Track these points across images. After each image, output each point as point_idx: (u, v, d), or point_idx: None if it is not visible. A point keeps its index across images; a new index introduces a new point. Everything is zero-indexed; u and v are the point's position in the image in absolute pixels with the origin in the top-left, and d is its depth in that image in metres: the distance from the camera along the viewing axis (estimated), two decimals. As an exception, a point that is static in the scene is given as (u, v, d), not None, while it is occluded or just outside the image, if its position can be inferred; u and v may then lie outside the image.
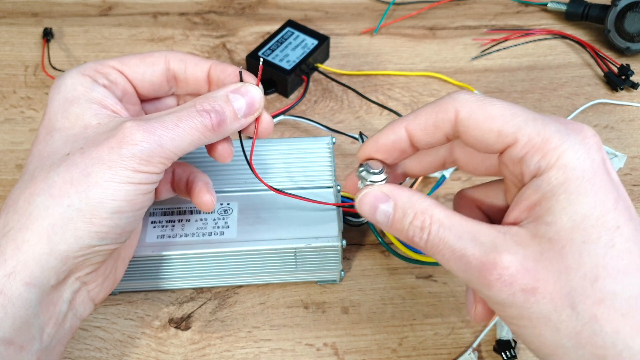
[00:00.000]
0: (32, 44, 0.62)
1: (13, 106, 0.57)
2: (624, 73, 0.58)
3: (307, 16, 0.65)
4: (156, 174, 0.32)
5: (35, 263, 0.30)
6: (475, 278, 0.28)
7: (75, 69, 0.35)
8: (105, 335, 0.43)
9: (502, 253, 0.27)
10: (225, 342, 0.42)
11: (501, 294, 0.27)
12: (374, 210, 0.31)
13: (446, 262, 0.29)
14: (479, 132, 0.29)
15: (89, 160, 0.31)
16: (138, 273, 0.42)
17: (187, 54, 0.37)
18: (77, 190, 0.30)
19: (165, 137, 0.32)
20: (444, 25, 0.65)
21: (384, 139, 0.32)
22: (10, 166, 0.52)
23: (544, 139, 0.27)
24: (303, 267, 0.43)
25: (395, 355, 0.42)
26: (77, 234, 0.30)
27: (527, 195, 0.28)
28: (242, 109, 0.34)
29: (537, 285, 0.26)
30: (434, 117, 0.30)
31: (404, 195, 0.30)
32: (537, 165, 0.27)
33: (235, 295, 0.45)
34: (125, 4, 0.67)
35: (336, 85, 0.58)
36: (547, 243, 0.27)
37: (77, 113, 0.33)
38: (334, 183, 0.44)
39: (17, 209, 0.31)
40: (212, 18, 0.66)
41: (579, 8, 0.63)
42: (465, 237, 0.28)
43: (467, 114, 0.29)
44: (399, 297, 0.44)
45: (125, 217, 0.32)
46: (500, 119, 0.28)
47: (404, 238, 0.30)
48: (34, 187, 0.31)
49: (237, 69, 0.36)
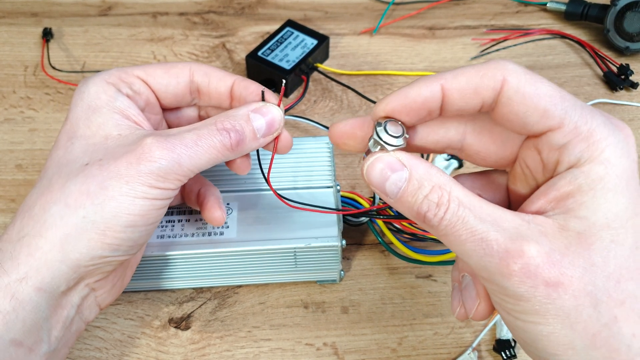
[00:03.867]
0: (31, 44, 0.62)
1: (13, 106, 0.57)
2: (624, 73, 0.58)
3: (307, 16, 0.66)
4: (172, 190, 0.33)
5: (47, 269, 0.30)
6: (494, 265, 0.26)
7: (99, 75, 0.35)
8: (105, 335, 0.43)
9: (529, 242, 0.25)
10: (225, 342, 0.42)
11: (522, 286, 0.25)
12: (384, 178, 0.28)
13: (460, 244, 0.26)
14: (522, 108, 0.26)
15: (106, 173, 0.31)
16: (138, 273, 0.42)
17: (211, 68, 0.37)
18: (92, 202, 0.31)
19: (184, 156, 0.32)
20: (444, 25, 0.65)
21: (414, 93, 0.28)
22: (10, 166, 0.52)
23: (590, 129, 0.26)
24: (303, 267, 0.43)
25: (395, 355, 0.42)
26: (89, 244, 0.31)
27: (559, 185, 0.27)
28: (262, 129, 0.34)
29: (562, 280, 0.25)
30: (476, 81, 0.27)
31: (422, 167, 0.27)
32: (579, 155, 0.26)
33: (235, 295, 0.45)
34: (124, 4, 0.67)
35: (336, 85, 0.58)
36: (575, 237, 0.26)
37: (99, 122, 0.33)
38: (334, 183, 0.44)
39: (32, 215, 0.31)
40: (211, 18, 0.66)
41: (579, 8, 0.63)
42: (487, 220, 0.26)
43: (515, 85, 0.26)
44: (398, 297, 0.45)
45: (138, 231, 0.32)
46: (548, 98, 0.26)
47: (411, 213, 0.28)
48: (51, 194, 0.31)
49: (260, 87, 0.36)
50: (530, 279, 0.25)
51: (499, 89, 0.27)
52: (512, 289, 0.26)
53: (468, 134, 0.31)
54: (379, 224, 0.45)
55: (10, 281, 0.30)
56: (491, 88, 0.27)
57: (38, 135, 0.55)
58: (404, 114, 0.29)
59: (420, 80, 0.28)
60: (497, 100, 0.27)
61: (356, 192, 0.46)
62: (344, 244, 0.41)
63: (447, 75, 0.28)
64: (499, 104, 0.27)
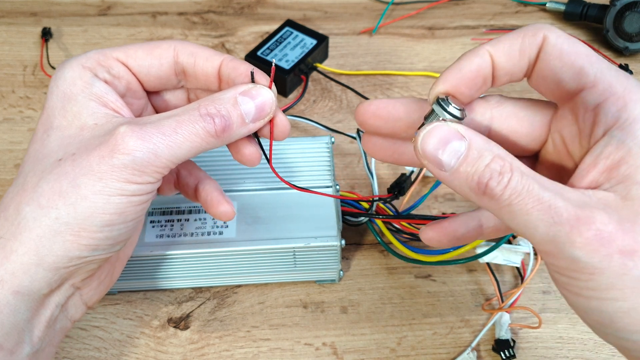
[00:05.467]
0: (30, 43, 0.62)
1: (12, 106, 0.57)
2: (623, 73, 0.58)
3: (306, 16, 0.65)
4: (151, 184, 0.30)
5: (23, 273, 0.29)
6: (564, 234, 0.24)
7: (75, 59, 0.33)
8: (104, 335, 0.42)
9: (598, 210, 0.24)
10: (224, 342, 0.42)
11: (596, 255, 0.24)
12: (443, 145, 0.26)
13: (526, 214, 0.25)
14: (559, 63, 0.26)
15: (78, 169, 0.29)
16: (137, 273, 0.42)
17: (197, 47, 0.34)
18: (65, 203, 0.29)
19: (161, 145, 0.29)
20: (443, 25, 0.65)
21: (468, 65, 0.28)
22: (8, 166, 0.52)
23: (626, 88, 0.25)
24: (302, 266, 0.43)
25: (394, 355, 0.42)
26: (65, 246, 0.29)
27: (607, 153, 0.25)
28: (250, 113, 0.32)
29: (636, 248, 0.24)
30: (520, 41, 0.27)
31: (482, 138, 0.26)
32: (616, 115, 0.25)
33: (234, 295, 0.45)
34: (124, 3, 0.67)
35: (335, 84, 0.58)
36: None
37: (74, 111, 0.31)
38: (333, 183, 0.44)
39: (7, 217, 0.30)
40: (211, 18, 0.66)
41: (578, 8, 0.63)
42: (551, 189, 0.25)
43: (553, 41, 0.26)
44: (397, 297, 0.45)
45: (117, 229, 0.30)
46: (585, 57, 0.26)
47: (470, 184, 0.26)
48: (24, 194, 0.30)
49: (249, 67, 0.33)
50: (604, 247, 0.24)
51: (540, 44, 0.27)
52: (585, 259, 0.24)
53: (495, 120, 0.30)
54: (378, 224, 0.45)
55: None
56: (534, 45, 0.27)
57: (37, 134, 0.55)
58: (463, 87, 0.28)
59: (468, 53, 0.28)
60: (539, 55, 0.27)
61: (355, 192, 0.46)
62: (343, 243, 0.41)
63: (491, 42, 0.28)
64: (538, 61, 0.27)
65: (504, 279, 0.45)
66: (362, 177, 0.51)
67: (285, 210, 0.42)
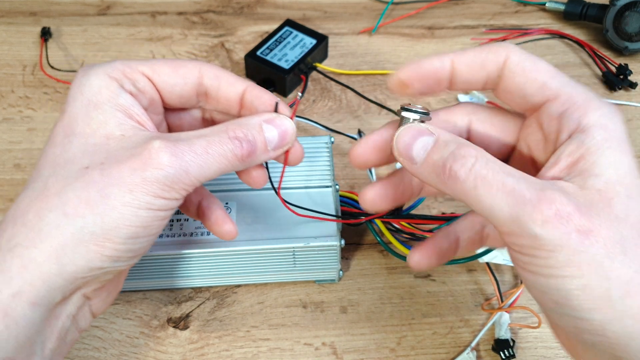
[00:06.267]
0: (30, 43, 0.62)
1: (11, 105, 0.57)
2: (622, 73, 0.58)
3: (306, 15, 0.65)
4: (176, 200, 0.31)
5: (42, 283, 0.28)
6: (527, 213, 0.26)
7: (101, 67, 0.32)
8: (104, 334, 0.42)
9: (560, 193, 0.26)
10: (223, 342, 0.42)
11: (556, 232, 0.25)
12: (413, 140, 0.29)
13: (490, 197, 0.27)
14: (523, 79, 0.29)
15: (108, 179, 0.29)
16: (136, 272, 0.42)
17: (222, 71, 0.34)
18: (92, 212, 0.29)
19: (192, 164, 0.30)
20: (443, 25, 0.65)
21: (428, 65, 0.31)
22: (8, 165, 0.52)
23: (585, 99, 0.28)
24: (301, 266, 0.43)
25: (394, 355, 0.42)
26: (87, 256, 0.29)
27: (568, 152, 0.28)
28: (274, 141, 0.33)
29: (592, 228, 0.26)
30: (483, 56, 0.30)
31: (450, 134, 0.29)
32: (577, 121, 0.28)
33: (234, 295, 0.45)
34: (123, 3, 0.67)
35: (335, 84, 0.58)
36: (596, 194, 0.27)
37: (100, 120, 0.31)
38: (333, 182, 0.44)
39: (25, 222, 0.29)
40: (210, 17, 0.66)
41: (578, 8, 0.63)
42: (515, 174, 0.27)
43: (516, 60, 0.29)
44: (397, 297, 0.45)
45: (139, 242, 0.30)
46: (546, 72, 0.29)
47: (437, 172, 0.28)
48: (47, 200, 0.29)
49: (273, 98, 0.34)
50: (563, 225, 0.25)
51: (502, 64, 0.29)
52: (546, 236, 0.26)
53: (473, 123, 0.33)
54: (378, 224, 0.45)
55: (3, 297, 0.28)
56: (495, 62, 0.29)
57: (36, 134, 0.55)
58: (416, 81, 0.31)
59: (433, 55, 0.31)
60: (501, 74, 0.30)
61: (355, 191, 0.46)
62: (342, 243, 0.41)
63: (458, 52, 0.30)
64: (503, 77, 0.30)
65: (504, 278, 0.45)
66: (361, 177, 0.51)
67: (285, 210, 0.42)
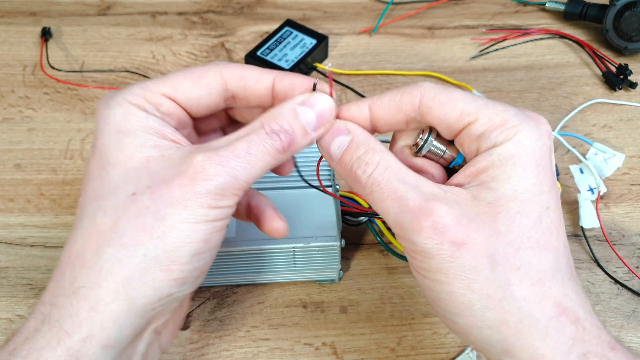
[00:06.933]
0: (30, 43, 0.62)
1: (11, 105, 0.57)
2: (622, 72, 0.58)
3: (306, 16, 0.65)
4: (230, 207, 0.30)
5: (112, 323, 0.27)
6: (408, 221, 0.28)
7: (120, 95, 0.31)
8: (104, 334, 0.42)
9: (441, 204, 0.28)
10: (223, 342, 0.42)
11: (430, 242, 0.28)
12: (331, 139, 0.31)
13: (382, 201, 0.29)
14: (441, 112, 0.30)
15: (160, 201, 0.28)
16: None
17: (244, 68, 0.33)
18: (151, 237, 0.28)
19: (238, 168, 0.29)
20: (443, 25, 0.65)
21: (345, 112, 0.32)
22: (8, 165, 0.52)
23: (503, 119, 0.29)
24: (302, 266, 0.43)
25: (394, 355, 0.42)
26: (155, 284, 0.28)
27: (475, 162, 0.29)
28: (312, 122, 0.31)
29: (467, 240, 0.27)
30: (397, 99, 0.31)
31: (364, 134, 0.31)
32: (494, 140, 0.29)
33: (234, 295, 0.45)
34: (123, 3, 0.67)
35: (335, 84, 0.58)
36: (485, 206, 0.28)
37: (134, 145, 0.30)
38: (333, 182, 0.44)
39: (84, 263, 0.28)
40: (210, 17, 0.66)
41: (577, 8, 0.63)
42: (409, 182, 0.29)
43: (431, 96, 0.30)
44: (397, 297, 0.45)
45: (203, 258, 0.29)
46: (462, 100, 0.30)
47: (347, 173, 0.31)
48: (101, 236, 0.28)
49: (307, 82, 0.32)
50: (437, 235, 0.27)
51: (417, 103, 0.31)
52: (421, 244, 0.28)
53: None
54: (378, 224, 0.45)
55: (73, 343, 0.27)
56: (410, 104, 0.31)
57: (37, 134, 0.55)
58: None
59: (353, 102, 0.32)
60: (420, 112, 0.31)
61: (355, 191, 0.46)
62: (343, 243, 0.41)
63: (375, 97, 0.32)
64: (422, 114, 0.31)
65: (504, 278, 0.45)
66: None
67: (285, 210, 0.42)
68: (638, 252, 0.47)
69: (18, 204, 0.50)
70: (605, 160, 0.50)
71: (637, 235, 0.48)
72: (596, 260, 0.46)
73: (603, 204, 0.50)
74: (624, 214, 0.49)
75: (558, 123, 0.55)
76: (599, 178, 0.47)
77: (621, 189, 0.51)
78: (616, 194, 0.51)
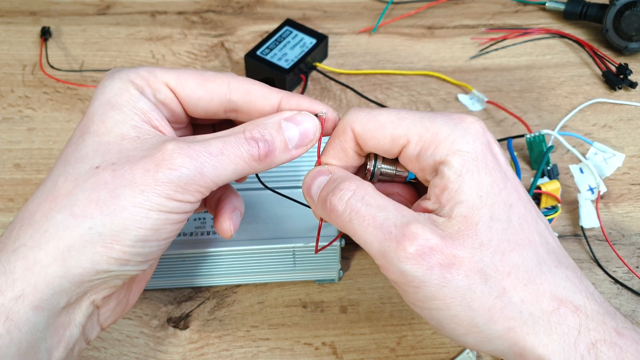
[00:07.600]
0: (29, 42, 0.62)
1: (11, 105, 0.57)
2: (622, 72, 0.58)
3: (306, 15, 0.65)
4: (191, 203, 0.30)
5: (46, 286, 0.28)
6: (392, 249, 0.28)
7: (124, 71, 0.32)
8: (104, 334, 0.42)
9: (424, 226, 0.28)
10: (223, 342, 0.42)
11: (419, 269, 0.27)
12: (312, 181, 0.31)
13: (362, 230, 0.29)
14: (375, 142, 0.30)
15: (119, 180, 0.28)
16: (136, 272, 0.42)
17: (252, 83, 0.33)
18: (101, 213, 0.28)
19: (207, 165, 0.29)
20: (442, 25, 0.65)
21: None
22: (8, 165, 0.52)
23: (433, 133, 0.29)
24: (301, 266, 0.43)
25: (394, 355, 0.42)
26: (94, 258, 0.28)
27: (434, 184, 0.29)
28: (294, 139, 0.32)
29: (454, 261, 0.27)
30: (337, 143, 0.32)
31: (343, 173, 0.31)
32: (432, 157, 0.29)
33: (234, 295, 0.45)
34: (123, 3, 0.66)
35: (335, 84, 0.58)
36: (462, 221, 0.28)
37: (116, 119, 0.30)
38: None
39: (32, 223, 0.28)
40: (210, 17, 0.65)
41: (577, 7, 0.63)
42: (389, 209, 0.29)
43: (360, 129, 0.31)
44: (397, 296, 0.44)
45: (149, 246, 0.29)
46: (390, 125, 0.30)
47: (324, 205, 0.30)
48: (55, 201, 0.28)
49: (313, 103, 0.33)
50: (425, 260, 0.27)
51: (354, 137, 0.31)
52: (410, 273, 0.27)
53: None
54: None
55: (5, 300, 0.27)
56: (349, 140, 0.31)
57: (36, 134, 0.54)
58: None
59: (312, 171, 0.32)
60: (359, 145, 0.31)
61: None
62: (343, 243, 0.41)
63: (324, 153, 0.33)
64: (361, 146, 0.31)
65: (504, 278, 0.45)
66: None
67: (285, 210, 0.42)
68: (638, 252, 0.47)
69: (18, 204, 0.50)
70: (605, 160, 0.50)
71: (637, 235, 0.48)
72: (596, 260, 0.46)
73: (603, 203, 0.50)
74: (624, 214, 0.49)
75: (558, 123, 0.55)
76: (599, 178, 0.47)
77: (621, 188, 0.51)
78: (616, 194, 0.51)
